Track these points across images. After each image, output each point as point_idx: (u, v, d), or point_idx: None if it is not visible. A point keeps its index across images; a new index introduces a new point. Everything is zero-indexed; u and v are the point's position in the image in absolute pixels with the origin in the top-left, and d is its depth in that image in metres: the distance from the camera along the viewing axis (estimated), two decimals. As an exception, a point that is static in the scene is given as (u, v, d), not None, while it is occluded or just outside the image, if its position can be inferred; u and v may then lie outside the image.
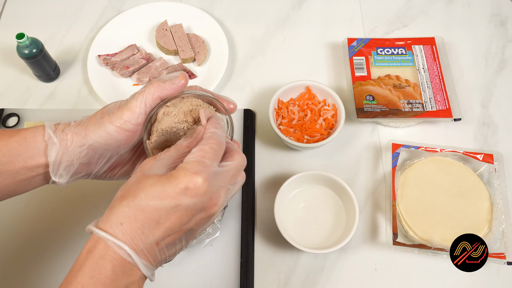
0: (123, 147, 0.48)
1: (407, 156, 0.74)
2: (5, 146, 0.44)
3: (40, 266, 0.67)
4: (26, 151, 0.45)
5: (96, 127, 0.45)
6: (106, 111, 0.46)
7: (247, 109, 0.79)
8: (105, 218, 0.41)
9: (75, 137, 0.45)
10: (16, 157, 0.45)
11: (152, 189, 0.39)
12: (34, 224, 0.70)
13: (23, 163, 0.45)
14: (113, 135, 0.45)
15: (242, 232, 0.68)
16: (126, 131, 0.45)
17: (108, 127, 0.45)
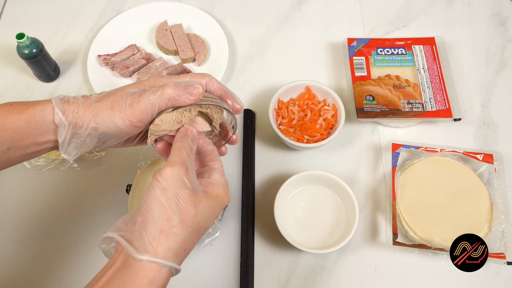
0: (130, 135, 0.49)
1: (407, 156, 0.74)
2: (14, 124, 0.45)
3: (39, 266, 0.67)
4: (35, 129, 0.45)
5: (106, 118, 0.45)
6: (117, 101, 0.45)
7: (247, 109, 0.79)
8: (164, 244, 0.40)
9: (85, 123, 0.45)
10: (26, 135, 0.45)
11: (209, 213, 0.44)
12: (34, 224, 0.70)
13: (33, 140, 0.46)
14: (122, 129, 0.46)
15: (242, 232, 0.68)
16: (135, 127, 0.46)
17: (118, 121, 0.45)
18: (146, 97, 0.45)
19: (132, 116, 0.45)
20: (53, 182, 0.73)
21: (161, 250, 0.39)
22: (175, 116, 0.47)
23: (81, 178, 0.73)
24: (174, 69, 0.82)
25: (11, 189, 0.73)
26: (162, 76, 0.48)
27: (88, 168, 0.74)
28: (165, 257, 0.39)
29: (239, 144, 0.75)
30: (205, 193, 0.44)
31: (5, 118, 0.45)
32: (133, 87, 0.47)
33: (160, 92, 0.45)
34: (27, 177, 0.73)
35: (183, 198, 0.41)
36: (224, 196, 0.46)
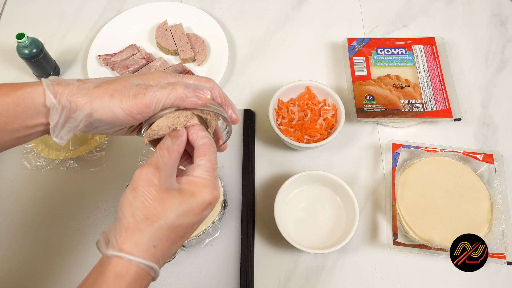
0: (125, 126, 0.48)
1: (407, 156, 0.74)
2: (1, 107, 0.43)
3: (39, 266, 0.67)
4: (24, 112, 0.43)
5: (104, 104, 0.44)
6: (118, 90, 0.44)
7: (247, 109, 0.79)
8: (128, 239, 0.40)
9: (80, 108, 0.44)
10: (14, 118, 0.43)
11: (181, 209, 0.42)
12: (34, 224, 0.70)
13: (22, 123, 0.44)
14: (119, 118, 0.44)
15: (242, 232, 0.68)
16: (133, 118, 0.45)
17: (117, 110, 0.44)
18: (153, 91, 0.44)
19: (133, 107, 0.44)
20: (53, 182, 0.73)
21: (126, 245, 0.40)
22: (171, 122, 0.46)
23: (81, 178, 0.73)
24: (174, 69, 0.82)
25: (11, 189, 0.73)
26: (167, 73, 0.47)
27: (88, 168, 0.74)
28: (131, 252, 0.39)
29: (239, 144, 0.75)
30: (179, 190, 0.43)
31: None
32: (137, 79, 0.46)
33: (169, 89, 0.44)
34: (27, 177, 0.73)
35: (149, 195, 0.41)
36: (205, 193, 0.44)
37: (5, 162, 0.75)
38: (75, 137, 0.75)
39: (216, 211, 0.64)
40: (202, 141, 0.46)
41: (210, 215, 0.64)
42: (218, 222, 0.66)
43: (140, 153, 0.73)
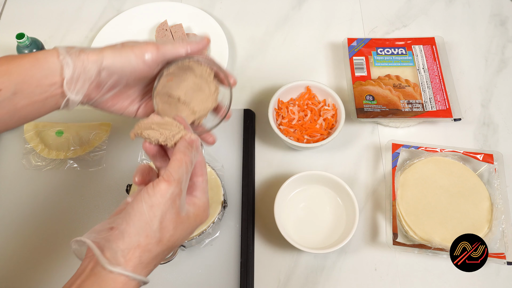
0: (134, 79, 0.49)
1: (407, 156, 0.74)
2: (18, 67, 0.44)
3: (39, 266, 0.67)
4: (39, 71, 0.45)
5: (115, 52, 0.46)
6: (127, 43, 0.47)
7: (247, 109, 0.79)
8: (136, 258, 0.39)
9: (91, 58, 0.45)
10: (31, 77, 0.44)
11: (186, 233, 0.44)
12: (34, 224, 0.70)
13: (37, 82, 0.45)
14: (131, 63, 0.46)
15: (242, 232, 0.68)
16: (144, 63, 0.46)
17: (129, 54, 0.46)
18: (167, 43, 0.49)
19: (145, 48, 0.47)
20: (53, 182, 0.73)
21: (132, 263, 0.39)
22: (162, 138, 0.45)
23: (81, 178, 0.73)
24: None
25: (11, 189, 0.73)
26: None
27: (88, 168, 0.74)
28: (135, 271, 0.39)
29: (239, 144, 0.75)
30: (187, 214, 0.43)
31: (9, 63, 0.44)
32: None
33: (179, 43, 0.50)
34: (27, 177, 0.73)
35: (168, 218, 0.41)
36: (203, 216, 0.45)
37: (5, 162, 0.75)
38: (75, 137, 0.75)
39: (216, 211, 0.64)
40: (201, 157, 0.46)
41: (210, 215, 0.64)
42: (218, 222, 0.66)
43: (140, 152, 0.73)
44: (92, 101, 0.51)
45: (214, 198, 0.66)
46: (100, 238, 0.40)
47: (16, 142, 0.76)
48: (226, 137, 0.76)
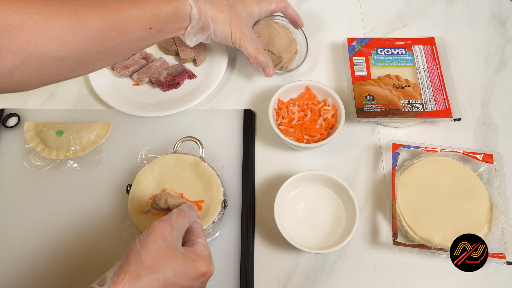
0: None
1: (407, 156, 0.74)
2: (165, 12, 0.59)
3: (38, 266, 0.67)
4: (177, 18, 0.62)
5: (223, 29, 0.68)
6: (234, 20, 0.69)
7: (247, 109, 0.79)
8: (124, 283, 0.42)
9: (208, 28, 0.67)
10: (171, 21, 0.61)
11: (181, 269, 0.46)
12: (34, 224, 0.70)
13: (174, 25, 0.62)
14: (229, 42, 0.71)
15: (242, 232, 0.68)
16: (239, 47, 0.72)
17: (228, 38, 0.70)
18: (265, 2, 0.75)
19: (239, 41, 0.70)
20: (53, 182, 0.73)
21: (119, 286, 0.41)
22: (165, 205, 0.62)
23: (81, 178, 0.73)
24: (174, 69, 0.82)
25: (11, 189, 0.73)
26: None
27: (88, 168, 0.74)
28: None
29: (239, 144, 0.75)
30: (183, 254, 0.47)
31: (159, 7, 0.58)
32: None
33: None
34: (27, 177, 0.73)
35: (158, 247, 0.44)
36: (203, 265, 0.48)
37: (5, 162, 0.75)
38: (75, 137, 0.75)
39: (216, 211, 0.64)
40: (196, 225, 0.55)
41: (210, 215, 0.64)
42: (218, 222, 0.66)
43: (141, 149, 0.73)
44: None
45: (214, 198, 0.66)
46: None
47: (16, 142, 0.76)
48: (226, 137, 0.76)
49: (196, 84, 0.82)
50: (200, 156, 0.69)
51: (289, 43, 0.82)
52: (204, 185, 0.67)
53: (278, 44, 0.81)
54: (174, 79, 0.81)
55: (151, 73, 0.82)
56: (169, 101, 0.80)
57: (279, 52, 0.81)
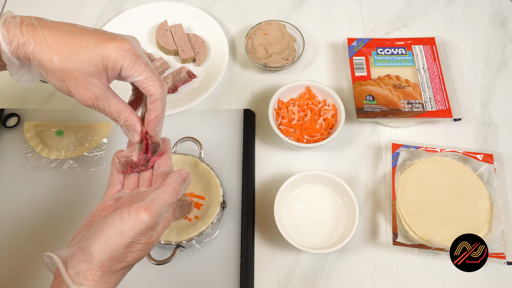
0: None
1: (407, 156, 0.74)
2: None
3: (39, 266, 0.67)
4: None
5: (55, 80, 0.43)
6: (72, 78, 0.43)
7: (247, 109, 0.79)
8: (99, 277, 0.40)
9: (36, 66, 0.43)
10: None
11: (146, 252, 0.44)
12: (34, 224, 0.70)
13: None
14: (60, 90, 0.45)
15: (242, 232, 0.68)
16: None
17: (60, 86, 0.44)
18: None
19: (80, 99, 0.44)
20: (53, 182, 0.73)
21: (94, 282, 0.40)
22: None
23: (81, 178, 0.73)
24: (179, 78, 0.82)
25: (11, 189, 0.73)
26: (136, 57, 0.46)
27: (88, 168, 0.74)
28: (97, 286, 0.40)
29: (239, 144, 0.75)
30: (156, 234, 0.44)
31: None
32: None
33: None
34: (27, 177, 0.73)
35: (136, 245, 0.41)
36: (167, 226, 0.46)
37: (5, 162, 0.75)
38: (75, 137, 0.75)
39: (215, 211, 0.64)
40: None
41: (209, 216, 0.64)
42: (217, 223, 0.66)
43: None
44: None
45: (213, 199, 0.66)
46: (68, 256, 0.40)
47: (16, 142, 0.76)
48: (226, 137, 0.76)
49: (196, 84, 0.82)
50: (199, 157, 0.69)
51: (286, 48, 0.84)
52: (203, 186, 0.67)
53: (275, 48, 0.84)
54: (177, 86, 0.81)
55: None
56: (169, 101, 0.80)
57: (271, 53, 0.83)
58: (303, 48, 0.82)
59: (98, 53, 0.43)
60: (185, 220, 0.65)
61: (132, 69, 0.44)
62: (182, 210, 0.65)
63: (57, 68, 0.42)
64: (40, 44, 0.42)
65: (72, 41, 0.43)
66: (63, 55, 0.42)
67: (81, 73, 0.43)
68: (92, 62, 0.43)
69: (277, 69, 0.82)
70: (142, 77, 0.45)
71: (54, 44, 0.42)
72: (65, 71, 0.42)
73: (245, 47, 0.82)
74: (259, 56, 0.83)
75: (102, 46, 0.43)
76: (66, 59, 0.42)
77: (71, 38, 0.43)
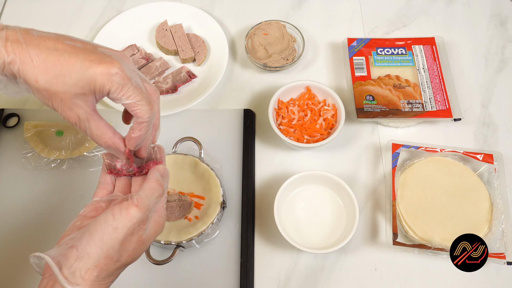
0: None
1: (407, 156, 0.74)
2: None
3: (40, 266, 0.67)
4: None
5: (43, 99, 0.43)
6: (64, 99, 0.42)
7: (247, 109, 0.79)
8: (94, 276, 0.41)
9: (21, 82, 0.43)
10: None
11: (141, 250, 0.45)
12: (34, 224, 0.70)
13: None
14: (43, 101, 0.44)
15: (242, 232, 0.68)
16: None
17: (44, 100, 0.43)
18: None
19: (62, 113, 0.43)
20: (53, 182, 0.73)
21: (90, 282, 0.40)
22: None
23: (81, 178, 0.73)
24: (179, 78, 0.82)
25: (11, 189, 0.73)
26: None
27: (88, 168, 0.74)
28: (92, 287, 0.40)
29: (239, 144, 0.75)
30: (148, 234, 0.45)
31: None
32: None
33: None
34: (27, 177, 0.73)
35: (130, 241, 0.42)
36: (160, 230, 0.47)
37: (5, 162, 0.75)
38: (75, 137, 0.75)
39: (215, 211, 0.64)
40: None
41: (209, 216, 0.64)
42: (217, 223, 0.66)
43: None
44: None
45: (213, 199, 0.66)
46: (60, 256, 0.40)
47: (16, 142, 0.76)
48: (226, 137, 0.76)
49: (196, 84, 0.82)
50: (199, 157, 0.69)
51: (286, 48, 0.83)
52: (203, 186, 0.67)
53: (275, 48, 0.83)
54: (177, 86, 0.81)
55: (151, 73, 0.82)
56: (169, 101, 0.80)
57: (271, 53, 0.83)
58: (303, 48, 0.82)
59: (85, 77, 0.42)
60: (185, 220, 0.65)
61: (120, 93, 0.43)
62: (182, 210, 0.65)
63: (42, 88, 0.41)
64: (25, 64, 0.41)
65: (59, 62, 0.41)
66: (48, 76, 0.41)
67: (66, 95, 0.42)
68: (78, 85, 0.42)
69: (277, 69, 0.82)
70: (130, 101, 0.44)
71: (40, 64, 0.41)
72: (50, 92, 0.42)
73: (245, 47, 0.82)
74: (259, 56, 0.83)
75: (88, 70, 0.42)
76: (51, 80, 0.41)
77: (58, 60, 0.41)
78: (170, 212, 0.65)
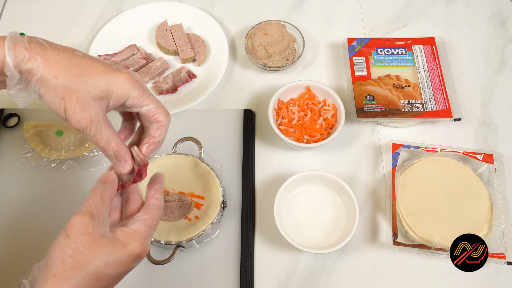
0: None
1: (407, 156, 0.74)
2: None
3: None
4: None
5: (51, 101, 0.43)
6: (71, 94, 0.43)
7: (247, 109, 0.79)
8: (55, 286, 0.40)
9: (35, 88, 0.44)
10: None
11: (110, 259, 0.42)
12: (34, 224, 0.70)
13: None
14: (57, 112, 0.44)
15: (242, 232, 0.68)
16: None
17: (59, 109, 0.44)
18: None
19: (74, 123, 0.44)
20: (53, 182, 0.73)
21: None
22: None
23: (81, 178, 0.73)
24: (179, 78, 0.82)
25: (11, 189, 0.73)
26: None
27: (88, 168, 0.74)
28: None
29: (239, 144, 0.75)
30: (112, 241, 0.43)
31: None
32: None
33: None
34: (27, 177, 0.73)
35: (81, 243, 0.42)
36: (136, 245, 0.44)
37: (5, 162, 0.75)
38: (75, 137, 0.75)
39: (215, 211, 0.64)
40: (154, 202, 0.48)
41: (209, 216, 0.64)
42: (217, 223, 0.66)
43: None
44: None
45: (213, 199, 0.66)
46: (34, 277, 0.42)
47: (16, 142, 0.76)
48: (226, 137, 0.76)
49: (196, 84, 0.82)
50: (199, 157, 0.69)
51: (286, 48, 0.83)
52: (203, 186, 0.67)
53: (275, 48, 0.83)
54: (177, 86, 0.81)
55: (151, 73, 0.82)
56: (169, 101, 0.80)
57: (271, 53, 0.83)
58: (303, 48, 0.82)
59: (106, 79, 0.43)
60: (185, 220, 0.65)
61: (141, 99, 0.45)
62: (182, 210, 0.65)
63: (60, 85, 0.42)
64: (47, 61, 0.42)
65: (81, 64, 0.43)
66: (70, 73, 0.43)
67: (84, 94, 0.43)
68: (98, 86, 0.43)
69: (277, 69, 0.82)
70: (150, 107, 0.46)
71: (63, 62, 0.43)
72: (68, 89, 0.42)
73: (245, 47, 0.82)
74: (259, 56, 0.83)
75: (112, 73, 0.44)
76: (72, 78, 0.43)
77: (80, 61, 0.44)
78: (170, 212, 0.65)
